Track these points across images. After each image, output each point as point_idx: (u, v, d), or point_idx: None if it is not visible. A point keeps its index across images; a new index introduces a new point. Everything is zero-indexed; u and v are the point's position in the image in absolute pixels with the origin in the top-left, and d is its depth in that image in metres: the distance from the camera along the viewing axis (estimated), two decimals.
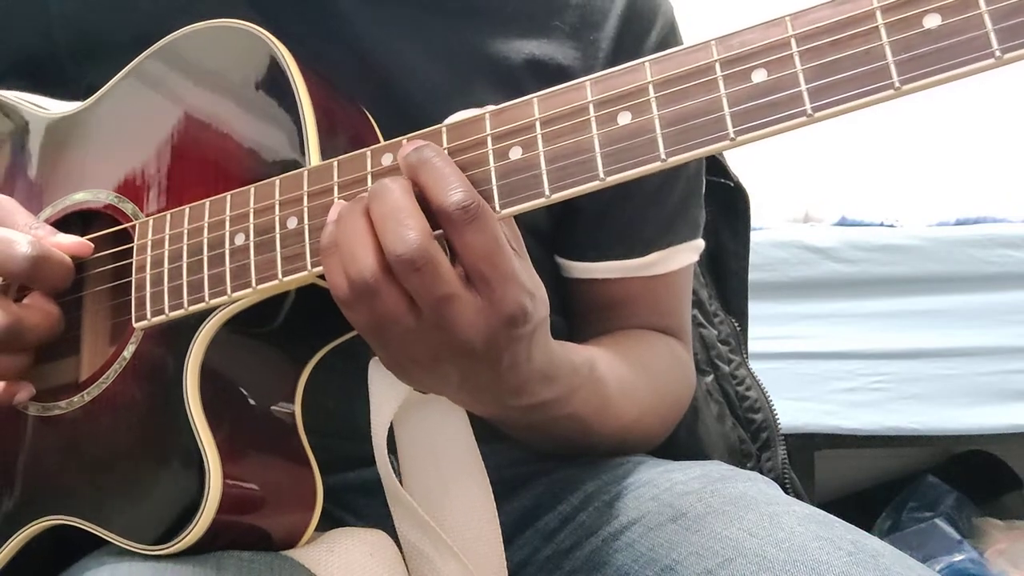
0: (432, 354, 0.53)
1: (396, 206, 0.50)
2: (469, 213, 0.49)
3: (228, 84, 0.63)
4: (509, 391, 0.56)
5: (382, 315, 0.51)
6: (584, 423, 0.66)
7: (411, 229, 0.49)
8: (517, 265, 0.51)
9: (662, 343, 0.78)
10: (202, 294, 0.58)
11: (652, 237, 0.75)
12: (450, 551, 0.60)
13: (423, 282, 0.49)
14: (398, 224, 0.49)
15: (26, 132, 0.72)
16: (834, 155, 1.97)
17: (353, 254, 0.50)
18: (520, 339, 0.53)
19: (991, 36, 0.41)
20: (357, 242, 0.50)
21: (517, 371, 0.55)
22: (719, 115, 0.46)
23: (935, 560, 1.70)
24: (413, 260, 0.49)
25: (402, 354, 0.53)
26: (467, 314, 0.50)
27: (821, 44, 0.45)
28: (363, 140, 0.57)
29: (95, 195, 0.66)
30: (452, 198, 0.49)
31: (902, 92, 0.43)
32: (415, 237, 0.49)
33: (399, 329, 0.51)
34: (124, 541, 0.58)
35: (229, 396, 0.60)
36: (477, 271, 0.50)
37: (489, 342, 0.51)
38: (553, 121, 0.50)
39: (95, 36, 0.72)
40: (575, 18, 0.72)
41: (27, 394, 0.63)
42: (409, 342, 0.52)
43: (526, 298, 0.51)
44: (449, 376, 0.55)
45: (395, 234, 0.49)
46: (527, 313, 0.51)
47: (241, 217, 0.58)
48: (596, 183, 0.49)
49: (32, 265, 0.60)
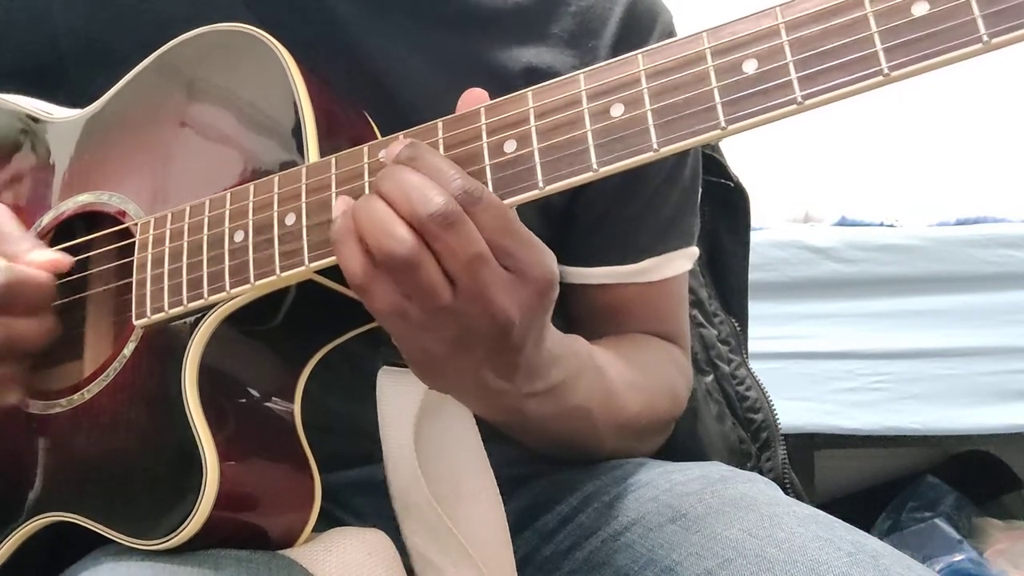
0: (463, 329, 0.52)
1: (411, 179, 0.50)
2: (473, 196, 0.49)
3: (230, 87, 0.63)
4: (524, 375, 0.56)
5: (416, 289, 0.50)
6: (591, 416, 0.66)
7: (435, 191, 0.49)
8: (530, 232, 0.52)
9: (659, 345, 0.78)
10: (201, 291, 0.58)
11: (646, 244, 0.76)
12: (466, 557, 0.61)
13: (459, 240, 0.49)
14: (421, 189, 0.49)
15: (31, 136, 0.72)
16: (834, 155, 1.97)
17: (386, 230, 0.49)
18: (549, 307, 0.54)
19: (979, 22, 0.42)
20: (385, 219, 0.50)
21: (538, 348, 0.56)
22: (710, 105, 0.47)
23: (935, 560, 1.70)
24: (446, 214, 0.49)
25: (430, 335, 0.52)
26: (501, 283, 0.50)
27: (810, 33, 0.45)
28: (362, 141, 0.57)
29: (99, 196, 0.67)
30: (453, 184, 0.49)
31: (892, 79, 0.44)
32: (442, 196, 0.49)
33: (431, 305, 0.50)
34: (121, 536, 0.58)
35: (228, 393, 0.60)
36: (498, 246, 0.50)
37: (524, 312, 0.52)
38: (547, 114, 0.51)
39: (99, 44, 0.72)
40: (573, 25, 0.72)
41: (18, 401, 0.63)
42: (439, 320, 0.51)
43: (549, 259, 0.52)
44: (474, 361, 0.54)
45: (423, 198, 0.49)
46: (555, 274, 0.52)
47: (240, 214, 0.58)
48: (589, 174, 0.49)
49: (6, 291, 0.60)
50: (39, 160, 0.72)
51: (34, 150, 0.72)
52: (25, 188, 0.71)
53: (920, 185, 1.94)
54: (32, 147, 0.72)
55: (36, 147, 0.72)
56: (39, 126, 0.73)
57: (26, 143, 0.73)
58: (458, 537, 0.61)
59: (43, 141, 0.72)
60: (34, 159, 0.72)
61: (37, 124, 0.73)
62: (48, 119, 0.72)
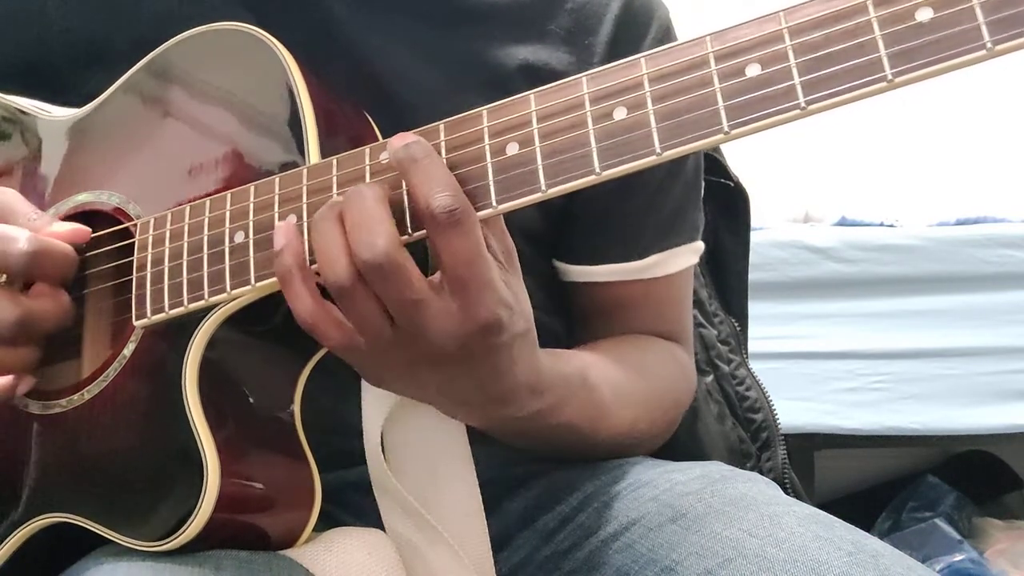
0: (408, 361, 0.54)
1: (365, 213, 0.51)
2: (453, 217, 0.49)
3: (230, 86, 0.63)
4: (494, 401, 0.57)
5: (358, 321, 0.52)
6: (579, 432, 0.66)
7: (379, 236, 0.50)
8: (496, 275, 0.52)
9: (661, 347, 0.78)
10: (202, 292, 0.58)
11: (650, 239, 0.75)
12: (439, 537, 0.61)
13: (393, 287, 0.50)
14: (368, 231, 0.50)
15: (30, 135, 0.72)
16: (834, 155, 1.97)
17: (328, 259, 0.51)
18: (497, 348, 0.53)
19: (983, 28, 0.41)
20: (331, 247, 0.51)
21: (500, 381, 0.55)
22: (713, 109, 0.47)
23: (935, 560, 1.70)
24: (381, 266, 0.50)
25: (379, 365, 0.55)
26: (439, 318, 0.51)
27: (814, 38, 0.45)
28: (363, 141, 0.57)
29: (98, 196, 0.66)
30: (437, 201, 0.49)
31: (895, 85, 0.43)
32: (382, 243, 0.49)
33: (374, 337, 0.52)
34: (122, 538, 0.58)
35: (228, 394, 0.60)
36: (456, 275, 0.50)
37: (463, 348, 0.52)
38: (549, 117, 0.51)
39: (94, 43, 0.72)
40: (570, 22, 0.72)
41: (27, 386, 0.63)
42: (385, 351, 0.53)
43: (502, 309, 0.52)
44: (427, 384, 0.55)
45: (364, 241, 0.50)
46: (501, 323, 0.52)
47: (241, 215, 0.58)
48: (592, 177, 0.49)
49: (32, 259, 0.60)
50: (37, 159, 0.71)
51: (32, 149, 0.72)
52: (23, 187, 0.70)
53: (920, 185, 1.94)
54: (30, 146, 0.72)
55: (34, 146, 0.72)
56: (37, 124, 0.72)
57: (24, 141, 0.72)
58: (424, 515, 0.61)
59: (41, 139, 0.72)
60: (32, 158, 0.72)
61: (35, 122, 0.72)
62: (46, 117, 0.72)
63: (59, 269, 0.62)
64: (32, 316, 0.61)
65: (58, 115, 0.72)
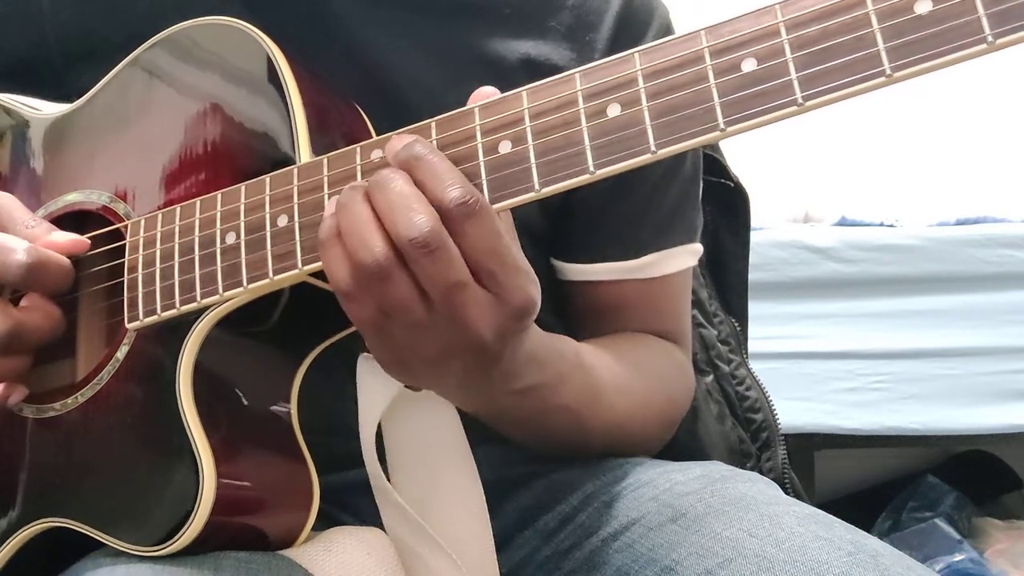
0: (440, 348, 0.52)
1: (402, 193, 0.49)
2: (468, 208, 0.49)
3: (218, 82, 0.62)
4: (501, 376, 0.56)
5: (392, 304, 0.50)
6: (576, 415, 0.66)
7: (421, 213, 0.48)
8: (519, 255, 0.51)
9: (659, 345, 0.77)
10: (194, 294, 0.58)
11: (647, 239, 0.75)
12: (439, 548, 0.60)
13: (436, 268, 0.48)
14: (407, 209, 0.48)
15: (19, 133, 0.72)
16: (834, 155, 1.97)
17: (362, 238, 0.49)
18: (527, 328, 0.53)
19: (983, 21, 0.41)
20: (364, 227, 0.49)
21: (514, 356, 0.55)
22: (709, 105, 0.46)
23: (935, 560, 1.70)
24: (427, 242, 0.48)
25: (407, 349, 0.52)
26: (479, 306, 0.50)
27: (811, 32, 0.44)
28: (356, 137, 0.56)
29: (88, 195, 0.66)
30: (450, 194, 0.49)
31: (894, 79, 0.43)
32: (426, 220, 0.48)
33: (407, 320, 0.50)
34: (119, 543, 0.58)
35: (223, 396, 0.60)
36: (482, 266, 0.49)
37: (499, 335, 0.51)
38: (542, 114, 0.50)
39: (88, 39, 0.71)
40: (571, 19, 0.72)
41: (20, 395, 0.62)
42: (416, 336, 0.51)
43: (532, 287, 0.51)
44: (452, 372, 0.54)
45: (406, 219, 0.48)
46: (535, 302, 0.51)
47: (232, 215, 0.57)
48: (586, 176, 0.48)
49: (28, 272, 0.59)
50: (27, 157, 0.71)
51: (22, 147, 0.71)
52: (14, 186, 0.69)
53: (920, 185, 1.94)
54: (20, 144, 0.71)
55: (24, 144, 0.71)
56: (27, 122, 0.72)
57: (13, 140, 0.72)
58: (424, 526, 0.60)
59: (31, 138, 0.71)
60: (22, 156, 0.71)
61: (25, 120, 0.72)
62: (36, 115, 0.71)
63: (56, 281, 0.61)
64: (23, 329, 0.60)
65: (48, 112, 0.71)
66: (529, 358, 0.58)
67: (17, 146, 0.71)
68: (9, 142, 0.72)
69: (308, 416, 0.62)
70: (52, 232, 0.63)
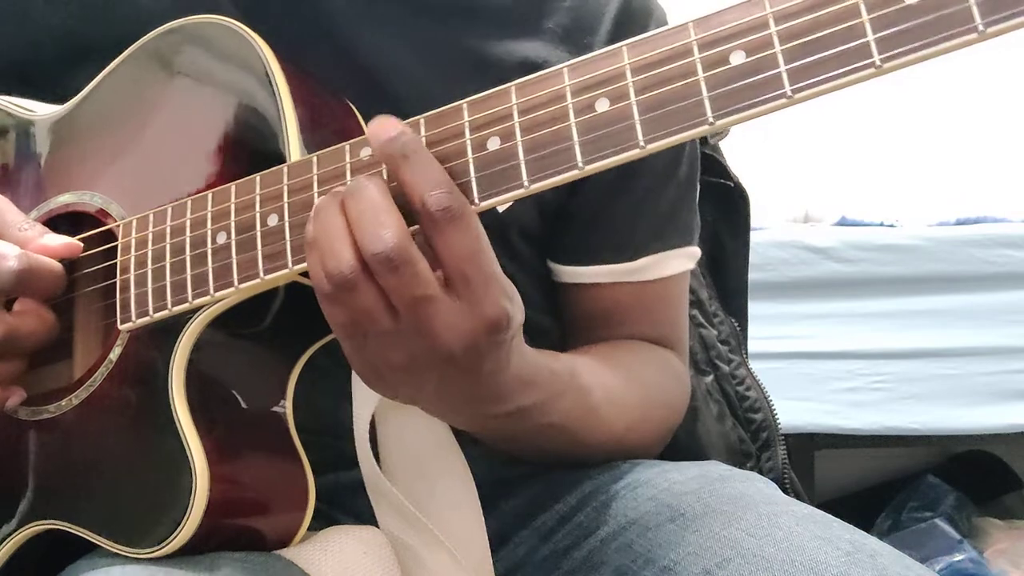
0: (409, 359, 0.51)
1: (372, 204, 0.49)
2: (451, 213, 0.48)
3: (208, 81, 0.62)
4: (487, 399, 0.56)
5: (359, 313, 0.50)
6: (570, 433, 0.66)
7: (387, 227, 0.48)
8: (497, 268, 0.50)
9: (654, 354, 0.77)
10: (185, 295, 0.57)
11: (642, 241, 0.75)
12: (438, 543, 0.60)
13: (400, 282, 0.48)
14: (374, 222, 0.48)
15: (11, 135, 0.71)
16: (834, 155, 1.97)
17: (331, 248, 0.49)
18: (501, 345, 0.52)
19: (974, 10, 0.40)
20: (335, 236, 0.49)
21: (496, 378, 0.54)
22: (697, 99, 0.45)
23: (935, 560, 1.70)
24: (390, 259, 0.48)
25: (378, 358, 0.52)
26: (446, 317, 0.49)
27: (800, 23, 0.44)
28: (349, 134, 0.56)
29: (81, 196, 0.66)
30: (433, 198, 0.48)
31: (883, 70, 0.42)
32: (391, 235, 0.48)
33: (376, 330, 0.50)
34: (114, 545, 0.58)
35: (216, 397, 0.59)
36: (459, 272, 0.49)
37: (469, 348, 0.50)
38: (531, 110, 0.49)
39: (80, 39, 0.71)
40: (568, 20, 0.72)
41: (18, 399, 0.62)
42: (385, 345, 0.51)
43: (507, 301, 0.50)
44: (425, 384, 0.53)
45: (372, 233, 0.48)
46: (509, 317, 0.51)
47: (222, 215, 0.57)
48: (575, 172, 0.48)
49: (20, 278, 0.59)
50: (20, 158, 0.70)
51: (15, 148, 0.71)
52: (6, 188, 0.69)
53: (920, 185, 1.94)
54: (13, 145, 0.71)
55: (17, 146, 0.71)
56: (19, 123, 0.71)
57: (7, 141, 0.71)
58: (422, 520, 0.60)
59: (24, 139, 0.71)
60: (15, 157, 0.71)
61: (17, 121, 0.72)
62: (29, 116, 0.71)
63: (45, 287, 0.61)
64: (16, 334, 0.60)
65: (42, 114, 0.71)
66: (519, 380, 0.57)
67: (10, 148, 0.71)
68: (2, 144, 0.72)
69: (304, 416, 0.62)
70: (45, 235, 0.62)
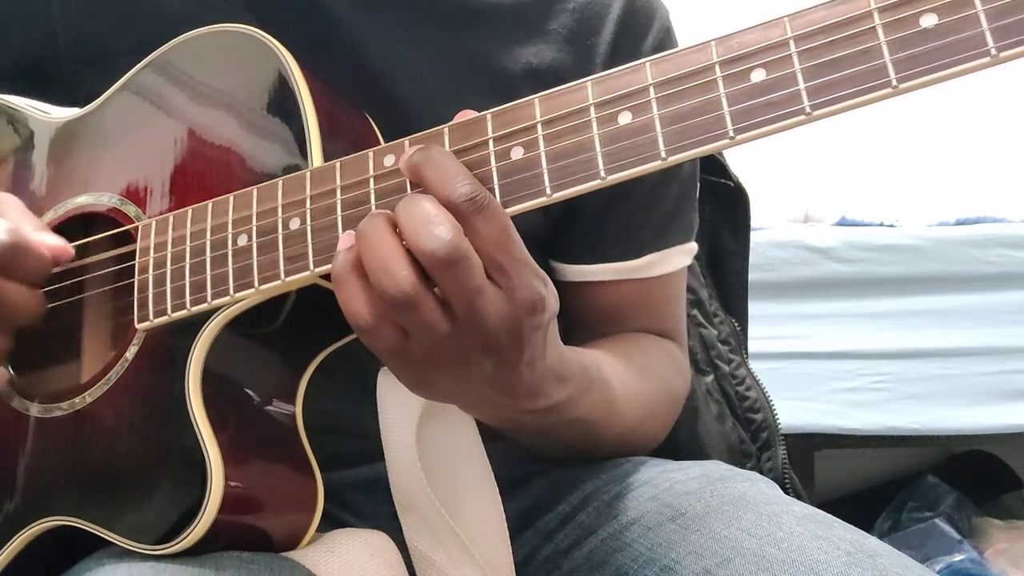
0: (460, 356, 0.52)
1: (425, 209, 0.50)
2: (477, 203, 0.49)
3: (231, 88, 0.63)
4: (525, 393, 0.56)
5: (416, 327, 0.50)
6: (592, 427, 0.66)
7: (442, 225, 0.49)
8: (527, 252, 0.52)
9: (659, 346, 0.78)
10: (205, 294, 0.58)
11: (647, 239, 0.76)
12: (467, 559, 0.61)
13: (458, 278, 0.49)
14: (431, 223, 0.49)
15: (29, 136, 0.72)
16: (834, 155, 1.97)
17: (386, 268, 0.49)
18: (539, 328, 0.53)
19: (987, 35, 0.42)
20: (391, 255, 0.50)
21: (533, 368, 0.55)
22: (719, 114, 0.47)
23: (935, 560, 1.70)
24: (449, 255, 0.49)
25: (428, 364, 0.53)
26: (494, 304, 0.50)
27: (819, 44, 0.45)
28: (365, 143, 0.57)
29: (98, 198, 0.66)
30: (459, 190, 0.49)
31: (900, 91, 0.44)
32: (449, 233, 0.49)
33: (432, 339, 0.51)
34: (125, 541, 0.58)
35: (231, 397, 0.60)
36: (492, 260, 0.50)
37: (512, 332, 0.52)
38: (554, 121, 0.51)
39: (97, 42, 0.72)
40: (572, 22, 0.72)
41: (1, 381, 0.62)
42: (439, 349, 0.52)
43: (539, 283, 0.52)
44: (472, 379, 0.54)
45: (429, 233, 0.49)
46: (543, 297, 0.52)
47: (244, 218, 0.58)
48: (597, 182, 0.49)
49: (7, 251, 0.59)
50: (37, 160, 0.71)
51: (32, 150, 0.72)
52: (22, 189, 0.70)
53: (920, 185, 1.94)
54: (30, 147, 0.72)
55: (34, 147, 0.72)
56: (35, 125, 0.72)
57: (23, 143, 0.72)
58: (460, 537, 0.61)
59: (41, 141, 0.72)
60: (32, 159, 0.71)
61: (33, 123, 0.72)
62: (46, 119, 0.72)
63: (31, 269, 0.61)
64: (7, 304, 0.60)
65: (57, 116, 0.72)
66: (554, 375, 0.58)
67: (26, 149, 0.72)
68: (18, 145, 0.72)
69: (310, 415, 0.63)
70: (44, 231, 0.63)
